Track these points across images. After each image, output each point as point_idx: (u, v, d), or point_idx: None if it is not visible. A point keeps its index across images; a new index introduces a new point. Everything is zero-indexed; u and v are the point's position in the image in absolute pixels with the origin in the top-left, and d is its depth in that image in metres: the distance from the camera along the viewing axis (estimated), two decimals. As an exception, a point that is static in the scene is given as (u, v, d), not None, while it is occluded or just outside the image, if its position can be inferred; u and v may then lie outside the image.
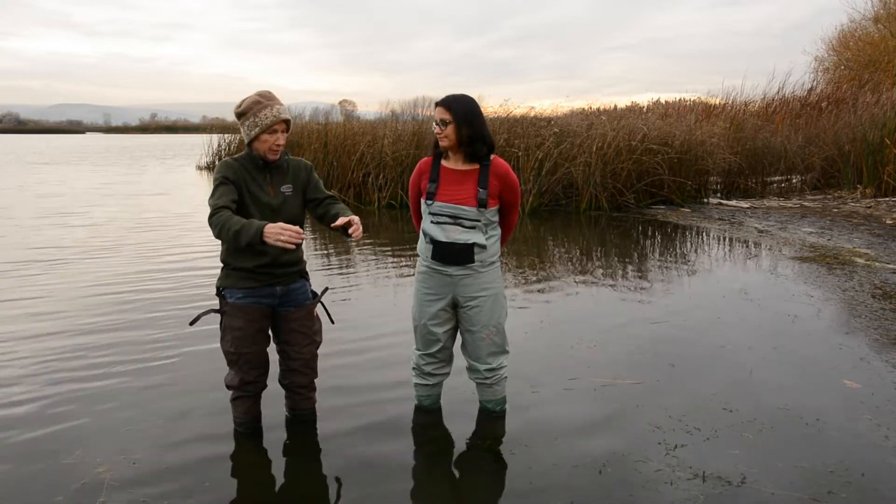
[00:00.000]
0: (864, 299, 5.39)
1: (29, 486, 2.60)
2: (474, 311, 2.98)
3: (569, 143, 11.01)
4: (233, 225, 2.49)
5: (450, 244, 2.90)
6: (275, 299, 2.88)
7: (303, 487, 2.68)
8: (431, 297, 3.02)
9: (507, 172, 2.95)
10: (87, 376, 3.72)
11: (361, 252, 7.67)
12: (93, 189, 15.56)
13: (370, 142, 11.94)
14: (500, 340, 3.08)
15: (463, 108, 2.85)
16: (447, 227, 2.91)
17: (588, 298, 5.58)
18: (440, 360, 3.14)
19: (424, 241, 3.01)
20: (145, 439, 2.98)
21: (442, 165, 2.97)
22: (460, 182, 2.91)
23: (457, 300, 3.00)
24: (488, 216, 2.92)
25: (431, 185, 2.95)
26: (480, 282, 2.96)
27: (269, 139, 2.73)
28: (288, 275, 2.88)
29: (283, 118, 2.74)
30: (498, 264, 3.06)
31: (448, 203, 2.90)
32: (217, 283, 2.88)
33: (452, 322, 3.09)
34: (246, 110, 2.74)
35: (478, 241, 2.90)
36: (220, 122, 22.15)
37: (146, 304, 5.25)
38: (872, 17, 24.63)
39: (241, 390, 2.94)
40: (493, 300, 3.01)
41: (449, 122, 2.84)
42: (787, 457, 2.84)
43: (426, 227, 2.99)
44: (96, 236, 8.58)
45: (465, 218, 2.89)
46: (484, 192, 2.87)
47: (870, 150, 11.88)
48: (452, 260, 2.91)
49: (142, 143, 55.83)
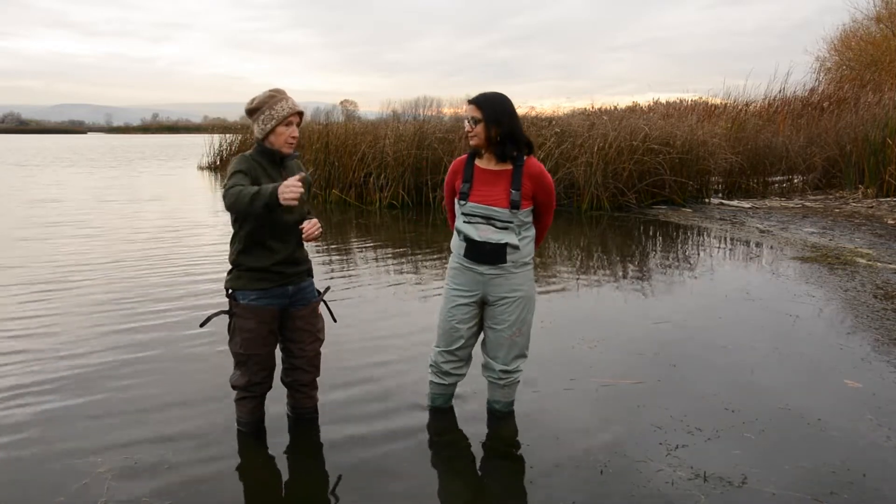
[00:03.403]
0: (866, 299, 5.39)
1: (30, 486, 2.60)
2: (501, 310, 2.97)
3: (570, 143, 11.01)
4: (248, 192, 2.54)
5: (482, 243, 2.89)
6: (286, 299, 2.89)
7: (305, 487, 2.69)
8: (461, 293, 3.00)
9: (542, 173, 2.92)
10: (88, 377, 3.72)
11: (362, 252, 7.68)
12: (98, 189, 15.57)
13: (371, 142, 11.94)
14: (523, 343, 3.06)
15: (493, 106, 2.84)
16: (480, 226, 2.90)
17: (589, 298, 5.58)
18: (459, 359, 3.13)
19: (458, 239, 3.00)
20: (147, 439, 2.98)
21: (476, 165, 2.96)
22: (493, 182, 2.90)
23: (486, 298, 2.99)
24: (521, 217, 2.90)
25: (465, 185, 2.93)
26: (511, 282, 2.95)
27: (286, 131, 2.76)
28: (299, 273, 2.91)
29: (298, 110, 2.79)
30: (531, 266, 3.04)
31: (480, 204, 2.89)
32: (227, 285, 2.88)
33: (477, 320, 3.07)
34: (260, 105, 2.76)
35: (510, 242, 2.89)
36: (221, 122, 22.19)
37: (147, 303, 5.25)
38: (875, 17, 24.61)
39: (248, 391, 2.94)
40: (523, 302, 2.98)
41: (479, 120, 2.83)
42: (788, 457, 2.83)
43: (459, 225, 2.98)
44: (99, 238, 8.58)
45: (498, 219, 2.87)
46: (516, 194, 2.85)
47: (871, 151, 11.86)
48: (485, 259, 2.90)
49: (144, 143, 55.89)
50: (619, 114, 14.89)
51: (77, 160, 28.57)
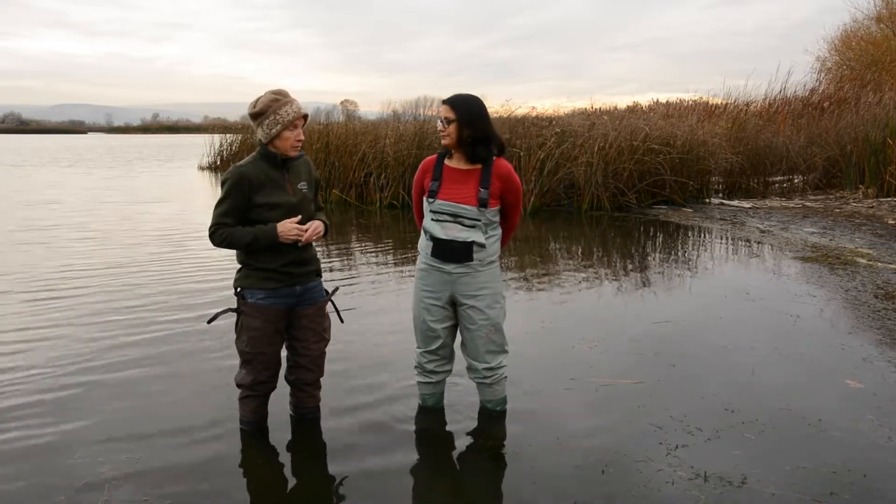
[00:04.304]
0: (867, 299, 5.39)
1: (31, 486, 2.61)
2: (473, 310, 2.99)
3: (570, 143, 11.00)
4: (244, 236, 2.69)
5: (449, 241, 2.91)
6: (294, 299, 2.90)
7: (306, 486, 2.69)
8: (430, 294, 3.03)
9: (510, 173, 2.96)
10: (90, 377, 3.73)
11: (363, 252, 7.68)
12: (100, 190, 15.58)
13: (372, 142, 11.95)
14: (500, 340, 3.08)
15: (467, 108, 2.87)
16: (447, 224, 2.92)
17: (589, 298, 5.58)
18: (441, 358, 3.15)
19: (425, 239, 3.03)
20: (148, 438, 2.98)
21: (445, 164, 2.99)
22: (462, 181, 2.93)
23: (455, 298, 3.01)
24: (489, 216, 2.93)
25: (434, 183, 2.97)
26: (478, 280, 2.97)
27: (291, 135, 2.76)
28: (307, 273, 2.91)
29: (304, 113, 2.79)
30: (497, 264, 3.07)
31: (449, 201, 2.91)
32: (235, 283, 2.89)
33: (452, 320, 3.09)
34: (264, 109, 2.74)
35: (477, 240, 2.91)
36: (221, 122, 22.19)
37: (148, 305, 5.26)
38: (875, 17, 24.60)
39: (252, 390, 2.94)
40: (492, 299, 3.01)
41: (452, 120, 2.86)
42: (788, 457, 2.83)
43: (427, 224, 3.01)
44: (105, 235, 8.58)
45: (466, 217, 2.90)
46: (485, 192, 2.88)
47: (872, 151, 11.86)
48: (451, 257, 2.93)
49: (145, 143, 55.90)
50: (619, 114, 14.89)
51: (75, 160, 28.57)
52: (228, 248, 2.79)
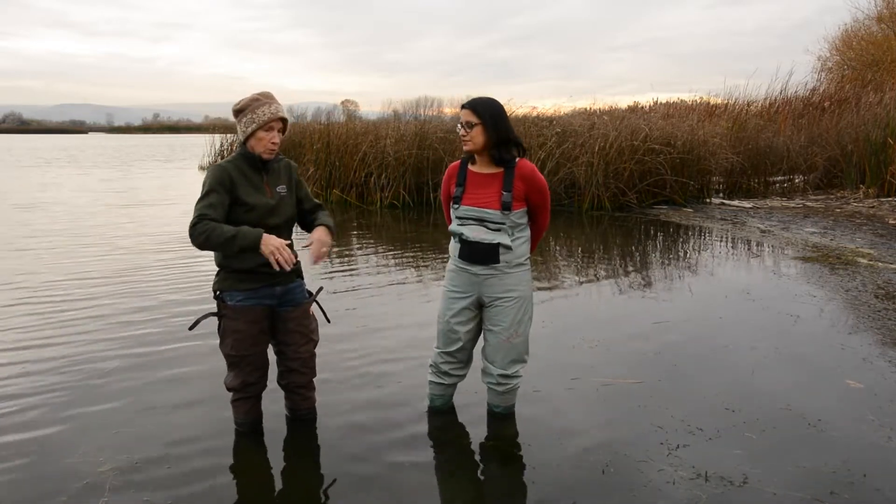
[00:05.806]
0: (867, 299, 5.38)
1: (31, 486, 2.61)
2: (497, 311, 2.97)
3: (571, 143, 11.01)
4: (225, 231, 2.55)
5: (475, 243, 2.91)
6: (274, 299, 2.88)
7: (304, 488, 2.68)
8: (457, 294, 3.02)
9: (533, 173, 2.93)
10: (90, 377, 3.73)
11: (363, 252, 7.68)
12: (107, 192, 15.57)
13: (372, 142, 11.94)
14: (521, 347, 3.05)
15: (489, 110, 2.85)
16: (473, 227, 2.93)
17: (590, 298, 5.58)
18: (458, 361, 3.13)
19: (454, 241, 3.03)
20: (148, 439, 2.98)
21: (468, 169, 2.99)
22: (485, 185, 2.92)
23: (482, 300, 3.00)
24: (514, 219, 2.91)
25: (458, 188, 2.97)
26: (506, 283, 2.95)
27: (266, 137, 2.74)
28: (286, 274, 2.85)
29: (280, 116, 2.77)
30: (527, 267, 3.04)
31: (473, 206, 2.91)
32: (214, 287, 2.87)
33: (475, 322, 3.08)
34: (244, 107, 2.75)
35: (503, 242, 2.90)
36: (222, 122, 22.23)
37: (147, 306, 5.26)
38: (876, 17, 24.60)
39: (243, 392, 2.93)
40: (519, 303, 2.98)
41: (475, 124, 2.85)
42: (789, 457, 2.83)
43: (454, 227, 3.01)
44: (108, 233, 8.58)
45: (490, 221, 2.89)
46: (508, 195, 2.86)
47: (873, 150, 11.86)
48: (478, 259, 2.92)
49: (145, 143, 55.92)
50: (619, 114, 14.89)
51: (80, 160, 28.57)
52: (205, 247, 2.60)
